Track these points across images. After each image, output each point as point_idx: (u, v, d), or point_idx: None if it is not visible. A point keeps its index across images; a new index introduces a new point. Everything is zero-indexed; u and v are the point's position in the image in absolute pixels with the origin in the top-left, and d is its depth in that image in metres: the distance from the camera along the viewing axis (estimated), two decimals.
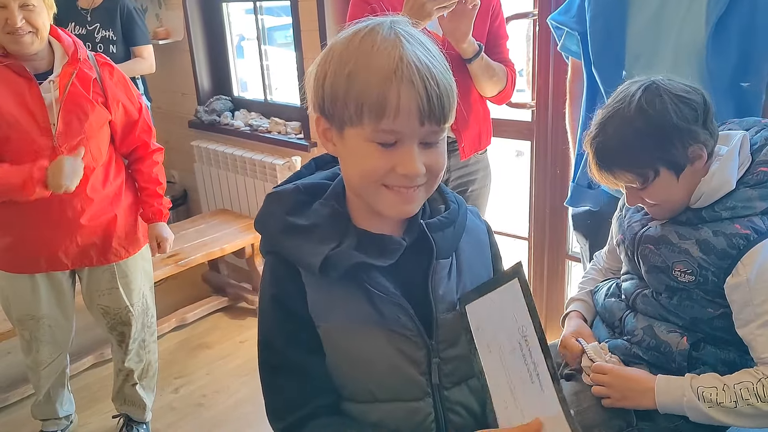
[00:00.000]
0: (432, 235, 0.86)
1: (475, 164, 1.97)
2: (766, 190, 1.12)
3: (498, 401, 0.84)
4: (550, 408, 0.79)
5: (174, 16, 3.50)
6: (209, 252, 2.94)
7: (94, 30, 3.03)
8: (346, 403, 0.89)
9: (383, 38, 0.76)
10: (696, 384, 1.12)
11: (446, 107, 0.77)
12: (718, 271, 1.13)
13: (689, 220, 1.17)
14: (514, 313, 0.81)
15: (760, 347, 1.10)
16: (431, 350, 0.86)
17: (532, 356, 0.80)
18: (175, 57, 3.61)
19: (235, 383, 2.58)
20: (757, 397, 1.08)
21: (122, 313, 2.07)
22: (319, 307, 0.85)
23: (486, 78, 1.81)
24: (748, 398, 1.08)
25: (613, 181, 1.19)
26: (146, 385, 2.24)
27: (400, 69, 0.74)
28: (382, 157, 0.78)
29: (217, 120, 3.45)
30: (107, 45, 3.03)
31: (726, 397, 1.10)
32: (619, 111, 1.14)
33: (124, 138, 1.96)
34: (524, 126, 2.42)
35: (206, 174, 3.56)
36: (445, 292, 0.87)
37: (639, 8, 1.48)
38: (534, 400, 0.81)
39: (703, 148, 1.13)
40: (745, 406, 1.09)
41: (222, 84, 3.60)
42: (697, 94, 1.13)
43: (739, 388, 1.09)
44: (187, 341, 2.96)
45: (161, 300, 3.20)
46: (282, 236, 0.86)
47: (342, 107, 0.77)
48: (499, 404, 0.84)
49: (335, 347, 0.86)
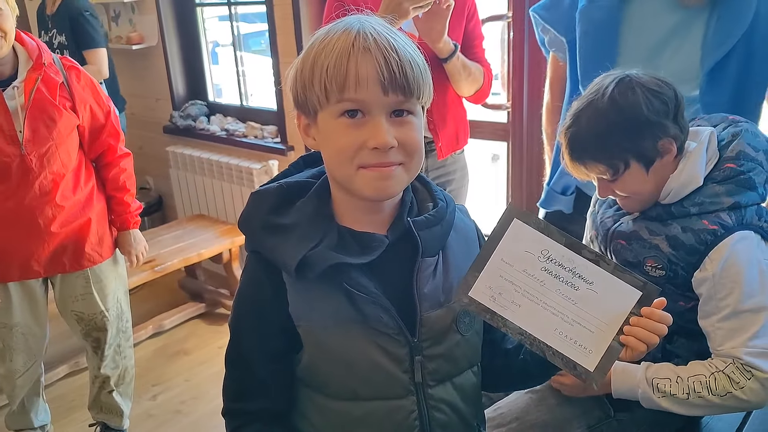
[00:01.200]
0: (418, 232, 0.86)
1: (452, 164, 1.99)
2: (732, 186, 1.14)
3: (561, 345, 0.82)
4: (611, 290, 0.80)
5: (148, 21, 3.47)
6: (186, 258, 2.91)
7: (52, 36, 2.99)
8: (329, 401, 0.88)
9: (345, 24, 0.80)
10: (651, 375, 1.15)
11: (410, 76, 0.78)
12: (687, 266, 1.16)
13: (659, 216, 1.20)
14: (527, 249, 0.82)
15: (719, 339, 1.13)
16: (414, 348, 0.86)
17: (564, 266, 0.81)
18: (149, 62, 3.58)
19: (214, 389, 2.55)
20: (709, 390, 1.11)
21: (97, 318, 2.03)
22: (299, 307, 0.85)
23: (463, 77, 1.83)
24: (700, 391, 1.11)
25: (584, 172, 1.21)
26: (123, 392, 2.20)
27: (357, 41, 0.77)
28: (351, 132, 0.79)
29: (193, 125, 3.42)
30: (62, 50, 2.96)
31: (679, 389, 1.13)
32: (593, 103, 1.16)
33: (92, 142, 1.92)
34: (500, 127, 2.44)
35: (182, 179, 3.52)
36: (431, 290, 0.87)
37: (630, 35, 1.47)
38: (592, 304, 0.81)
39: (673, 142, 1.16)
40: (696, 398, 1.12)
41: (197, 89, 3.57)
42: (668, 89, 1.15)
43: (692, 381, 1.12)
44: (165, 348, 2.92)
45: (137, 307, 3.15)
46: (263, 235, 0.85)
47: (311, 91, 0.80)
48: (564, 347, 0.82)
49: (316, 346, 0.86)
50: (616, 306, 0.82)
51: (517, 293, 0.83)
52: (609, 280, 0.82)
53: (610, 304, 0.82)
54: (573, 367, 0.82)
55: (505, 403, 1.31)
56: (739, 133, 1.20)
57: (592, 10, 1.49)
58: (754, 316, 1.11)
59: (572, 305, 0.82)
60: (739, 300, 1.11)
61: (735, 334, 1.11)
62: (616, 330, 0.82)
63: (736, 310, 1.11)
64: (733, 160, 1.16)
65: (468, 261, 0.91)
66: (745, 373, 1.10)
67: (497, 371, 0.99)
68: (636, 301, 0.82)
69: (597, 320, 0.82)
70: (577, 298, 0.82)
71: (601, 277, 0.81)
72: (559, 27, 1.60)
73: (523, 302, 0.83)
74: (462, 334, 0.89)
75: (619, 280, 0.82)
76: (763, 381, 1.09)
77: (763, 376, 1.09)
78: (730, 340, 1.12)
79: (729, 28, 1.38)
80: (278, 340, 0.87)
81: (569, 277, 0.82)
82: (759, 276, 1.11)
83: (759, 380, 1.09)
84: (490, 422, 1.24)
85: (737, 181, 1.15)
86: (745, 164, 1.15)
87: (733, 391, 1.10)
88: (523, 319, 0.83)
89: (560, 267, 0.82)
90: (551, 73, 1.77)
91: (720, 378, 1.11)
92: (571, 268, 0.82)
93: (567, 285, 0.82)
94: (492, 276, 0.83)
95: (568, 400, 1.26)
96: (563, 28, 1.58)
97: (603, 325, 0.82)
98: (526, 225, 0.83)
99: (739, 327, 1.11)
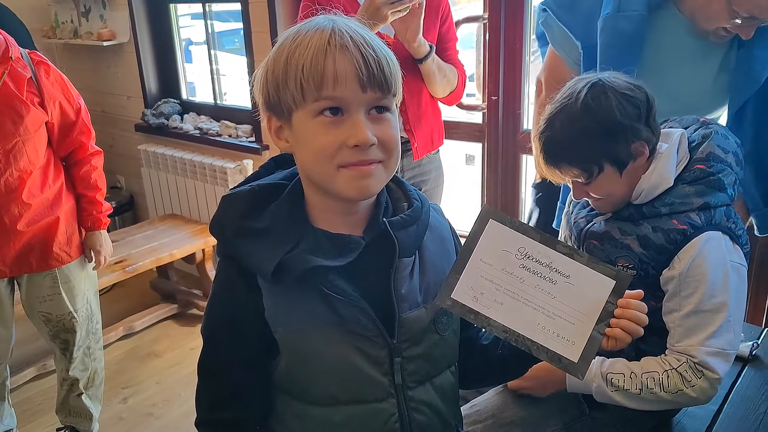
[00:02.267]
0: (394, 233, 0.85)
1: (428, 164, 1.99)
2: (702, 187, 1.16)
3: (545, 339, 0.83)
4: (587, 282, 0.83)
5: (119, 17, 3.41)
6: (158, 258, 2.87)
7: None
8: (309, 407, 0.87)
9: (316, 23, 0.79)
10: (605, 370, 1.17)
11: (387, 72, 0.78)
12: (657, 265, 1.17)
13: (631, 216, 1.21)
14: (504, 248, 0.84)
15: (677, 336, 1.15)
16: (393, 350, 0.85)
17: (541, 262, 0.83)
18: (120, 59, 3.52)
19: (186, 391, 2.52)
20: (661, 387, 1.13)
21: (65, 319, 1.99)
22: (275, 312, 0.83)
23: (437, 78, 1.83)
24: (652, 387, 1.14)
25: (559, 176, 1.22)
26: (92, 395, 2.16)
27: (333, 38, 0.76)
28: (330, 131, 0.77)
29: (166, 123, 3.37)
30: None
31: (632, 384, 1.15)
32: (566, 107, 1.17)
33: (62, 140, 1.88)
34: (476, 128, 2.45)
35: (154, 178, 3.47)
36: (408, 291, 0.86)
37: (649, 50, 1.43)
38: (570, 296, 0.83)
39: (645, 145, 1.17)
40: (648, 394, 1.14)
41: (170, 87, 3.52)
42: (640, 92, 1.16)
43: (645, 377, 1.14)
44: (136, 350, 2.88)
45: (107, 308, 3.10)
46: (236, 240, 0.84)
47: (285, 91, 0.78)
48: (548, 340, 0.83)
49: (294, 351, 0.84)
50: (592, 296, 0.84)
51: (498, 292, 0.84)
52: (584, 272, 0.84)
53: (587, 295, 0.84)
54: (558, 360, 0.83)
55: (481, 401, 1.32)
56: (709, 135, 1.21)
57: (620, 20, 1.41)
58: (714, 316, 1.12)
59: (552, 299, 0.84)
60: (701, 299, 1.12)
61: (693, 332, 1.13)
62: (595, 320, 0.84)
63: (697, 309, 1.13)
64: (703, 162, 1.18)
65: (444, 260, 0.91)
66: (696, 372, 1.12)
67: (475, 368, 0.99)
68: (611, 290, 0.84)
69: (576, 312, 0.84)
70: (555, 291, 0.84)
71: (576, 269, 0.84)
72: (576, 31, 1.51)
73: (504, 300, 0.84)
74: (440, 333, 0.88)
75: (593, 271, 0.84)
76: (712, 380, 1.12)
77: (714, 377, 1.12)
78: (687, 338, 1.14)
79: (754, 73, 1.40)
80: (254, 347, 0.85)
81: (547, 271, 0.84)
82: (723, 277, 1.13)
83: (708, 379, 1.12)
84: (467, 419, 1.24)
85: (707, 182, 1.16)
86: (715, 165, 1.17)
87: (684, 389, 1.12)
88: (506, 316, 0.84)
89: (537, 263, 0.84)
90: (548, 70, 1.68)
91: (673, 376, 1.13)
92: (548, 263, 0.84)
93: (545, 280, 0.84)
94: (472, 277, 0.84)
95: (544, 398, 1.26)
96: (580, 33, 1.50)
97: (582, 316, 0.84)
98: (502, 225, 0.84)
99: (698, 325, 1.13)
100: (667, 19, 1.44)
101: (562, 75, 1.55)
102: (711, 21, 1.38)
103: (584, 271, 0.84)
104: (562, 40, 1.58)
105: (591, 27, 1.48)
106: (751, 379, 1.48)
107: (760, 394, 1.43)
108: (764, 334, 1.62)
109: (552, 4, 1.57)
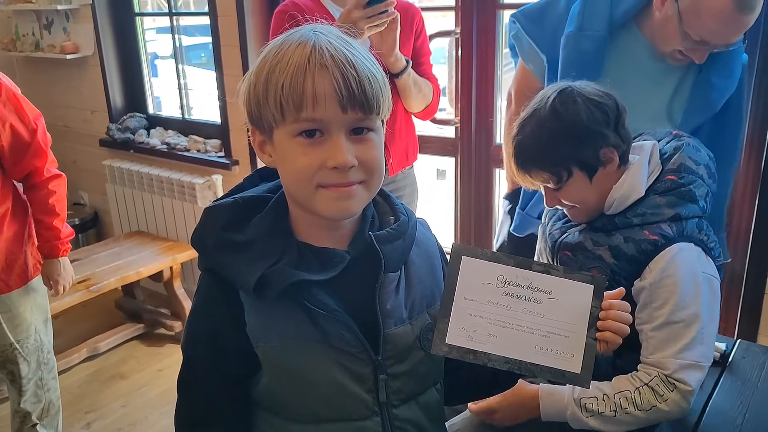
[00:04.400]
0: (380, 247, 0.83)
1: (402, 179, 1.98)
2: (673, 198, 1.17)
3: (545, 359, 0.84)
4: (568, 293, 0.85)
5: (83, 30, 3.33)
6: (124, 276, 2.78)
7: None
8: (289, 425, 0.84)
9: (300, 35, 0.77)
10: (578, 395, 1.16)
11: (368, 92, 0.75)
12: (629, 275, 1.17)
13: (604, 227, 1.21)
14: (484, 281, 0.85)
15: (650, 348, 1.15)
16: (378, 366, 0.83)
17: (521, 285, 0.85)
18: (84, 72, 3.44)
19: (154, 414, 2.43)
20: (635, 406, 1.13)
21: (8, 351, 1.87)
22: (257, 327, 0.81)
23: (413, 93, 1.83)
24: (626, 407, 1.13)
25: (530, 181, 1.22)
26: (48, 424, 2.03)
27: (313, 56, 0.74)
28: (310, 152, 0.76)
29: (131, 138, 3.29)
30: None
31: (606, 407, 1.14)
32: (535, 112, 1.18)
33: (15, 163, 1.77)
34: (449, 142, 2.46)
35: (119, 194, 3.38)
36: (394, 306, 0.84)
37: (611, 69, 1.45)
38: (557, 311, 0.85)
39: (614, 152, 1.18)
40: (623, 414, 1.13)
41: (136, 101, 3.45)
42: (609, 99, 1.18)
43: (618, 398, 1.14)
44: (100, 372, 2.78)
45: (70, 329, 3.01)
46: (217, 253, 0.81)
47: (265, 108, 0.76)
48: (548, 360, 0.84)
49: (276, 367, 0.82)
50: (577, 306, 0.86)
51: (489, 325, 0.84)
52: (563, 285, 0.86)
53: (572, 306, 0.86)
54: (562, 375, 0.84)
55: (459, 420, 1.29)
56: (681, 146, 1.23)
57: (581, 39, 1.45)
58: (686, 328, 1.12)
59: (542, 318, 0.85)
60: (672, 310, 1.12)
61: (666, 344, 1.13)
62: (586, 327, 0.85)
63: (668, 321, 1.13)
64: (674, 173, 1.19)
65: (430, 275, 0.89)
66: (668, 385, 1.12)
67: (464, 383, 0.97)
68: (592, 294, 0.86)
69: (567, 324, 0.85)
70: (543, 310, 0.85)
71: (555, 283, 0.86)
72: (541, 44, 1.55)
73: (498, 332, 0.84)
74: (426, 350, 0.86)
75: (571, 281, 0.86)
76: (684, 393, 1.12)
77: (686, 389, 1.12)
78: (660, 351, 1.13)
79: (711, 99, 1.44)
80: (234, 363, 0.83)
81: (529, 293, 0.85)
82: (695, 288, 1.13)
83: (681, 392, 1.12)
84: None
85: (678, 193, 1.17)
86: (686, 177, 1.18)
87: (657, 405, 1.12)
88: (504, 347, 0.84)
89: (518, 287, 0.85)
90: (518, 82, 1.70)
91: (645, 392, 1.12)
92: (528, 285, 0.85)
93: (531, 301, 0.85)
94: (461, 317, 0.84)
95: None
96: (546, 46, 1.54)
97: (573, 327, 0.85)
98: (475, 258, 0.85)
99: (670, 337, 1.13)
100: (629, 39, 1.48)
101: (531, 87, 1.58)
102: (667, 43, 1.42)
103: (563, 283, 0.86)
104: (530, 52, 1.61)
105: (556, 42, 1.51)
106: (727, 391, 1.49)
107: (736, 405, 1.44)
108: (737, 346, 1.64)
109: (521, 16, 1.60)
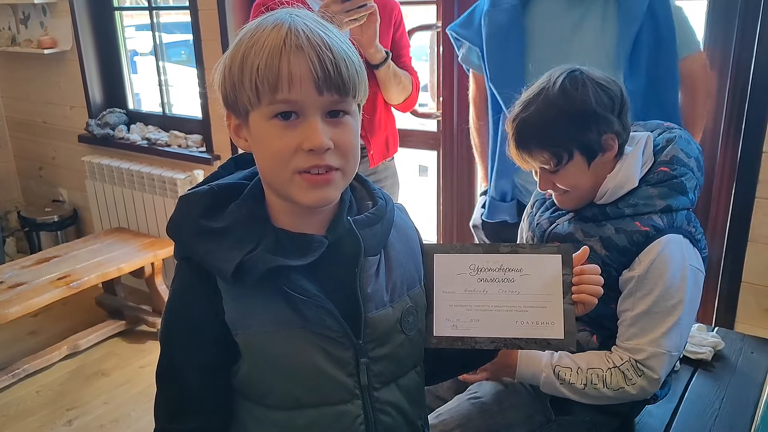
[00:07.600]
0: (359, 231, 0.83)
1: (383, 171, 1.98)
2: (665, 189, 1.18)
3: (529, 332, 0.89)
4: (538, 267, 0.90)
5: (61, 24, 3.29)
6: (104, 273, 2.75)
7: None
8: (270, 412, 0.84)
9: (276, 18, 0.77)
10: (555, 362, 1.20)
11: (344, 74, 0.75)
12: (619, 266, 1.18)
13: (594, 217, 1.22)
14: (457, 273, 0.91)
15: (627, 334, 1.18)
16: (359, 350, 0.83)
17: (493, 269, 0.91)
18: (62, 68, 3.39)
19: (136, 411, 2.40)
20: (604, 384, 1.17)
21: None
22: (236, 315, 0.80)
23: (393, 85, 1.83)
24: (596, 383, 1.17)
25: (528, 161, 1.22)
26: None
27: (288, 38, 0.74)
28: (285, 135, 0.75)
29: (111, 134, 3.26)
30: None
31: (578, 379, 1.18)
32: (543, 91, 1.18)
33: None
34: (430, 136, 2.46)
35: (99, 191, 3.34)
36: (374, 290, 0.84)
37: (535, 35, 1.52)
38: (531, 285, 0.90)
39: (616, 139, 1.19)
40: (592, 389, 1.17)
41: (115, 96, 3.41)
42: (615, 86, 1.19)
43: (590, 373, 1.18)
44: (81, 369, 2.74)
45: (50, 327, 2.98)
46: (194, 241, 0.80)
47: (241, 91, 0.76)
48: (532, 332, 0.89)
49: (256, 355, 0.82)
50: (549, 276, 0.90)
51: (471, 312, 0.90)
52: (533, 260, 0.91)
53: (544, 278, 0.90)
54: (548, 343, 0.89)
55: (446, 410, 1.30)
56: (673, 139, 1.24)
57: (495, 14, 1.57)
58: (664, 318, 1.14)
59: (518, 296, 0.90)
60: (656, 301, 1.14)
61: (643, 331, 1.15)
62: (561, 294, 0.90)
63: (651, 310, 1.15)
64: (667, 164, 1.20)
65: (410, 259, 0.90)
66: (638, 371, 1.15)
67: (445, 361, 0.98)
68: (561, 263, 0.91)
69: (542, 295, 0.90)
70: (517, 287, 0.90)
71: (525, 260, 0.91)
72: (474, 39, 1.64)
73: (480, 316, 0.90)
74: (406, 333, 0.87)
75: (539, 255, 0.91)
76: (651, 380, 1.15)
77: (653, 377, 1.15)
78: (636, 337, 1.16)
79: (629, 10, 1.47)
80: (213, 352, 0.82)
81: (502, 275, 0.91)
82: (681, 279, 1.14)
83: (647, 379, 1.15)
84: (433, 429, 1.22)
85: (670, 184, 1.18)
86: (678, 169, 1.19)
87: (624, 387, 1.16)
88: (487, 329, 0.90)
89: (491, 271, 0.91)
90: (474, 91, 1.80)
91: (615, 374, 1.16)
92: (499, 267, 0.91)
93: (504, 282, 0.91)
94: (444, 309, 0.91)
95: (510, 407, 1.26)
96: (477, 40, 1.63)
97: (549, 297, 0.90)
98: (446, 254, 0.92)
99: (648, 325, 1.15)
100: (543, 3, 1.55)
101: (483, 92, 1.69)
102: None
103: (532, 258, 0.91)
104: (471, 54, 1.69)
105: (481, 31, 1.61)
106: (705, 377, 1.52)
107: (714, 391, 1.47)
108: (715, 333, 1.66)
109: (455, 27, 1.70)
